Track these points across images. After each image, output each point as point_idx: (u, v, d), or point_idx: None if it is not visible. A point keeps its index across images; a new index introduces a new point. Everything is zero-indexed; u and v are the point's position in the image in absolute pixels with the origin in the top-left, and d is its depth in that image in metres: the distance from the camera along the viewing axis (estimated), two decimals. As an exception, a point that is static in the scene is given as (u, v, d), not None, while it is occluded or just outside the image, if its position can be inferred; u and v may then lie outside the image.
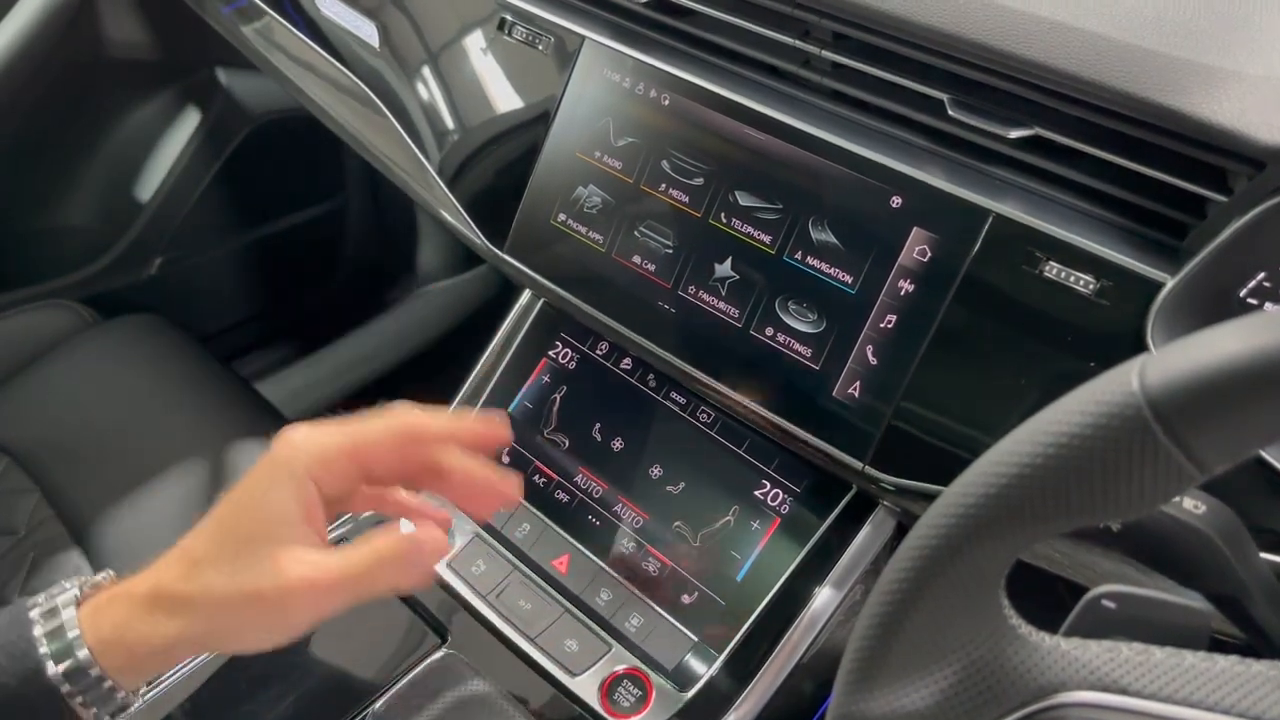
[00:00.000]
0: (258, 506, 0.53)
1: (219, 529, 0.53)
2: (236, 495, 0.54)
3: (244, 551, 0.52)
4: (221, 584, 0.51)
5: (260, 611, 0.52)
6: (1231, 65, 0.55)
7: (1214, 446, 0.32)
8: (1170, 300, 0.57)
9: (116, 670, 0.51)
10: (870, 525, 0.73)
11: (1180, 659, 0.39)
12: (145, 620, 0.52)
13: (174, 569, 0.53)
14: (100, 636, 0.51)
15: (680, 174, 0.75)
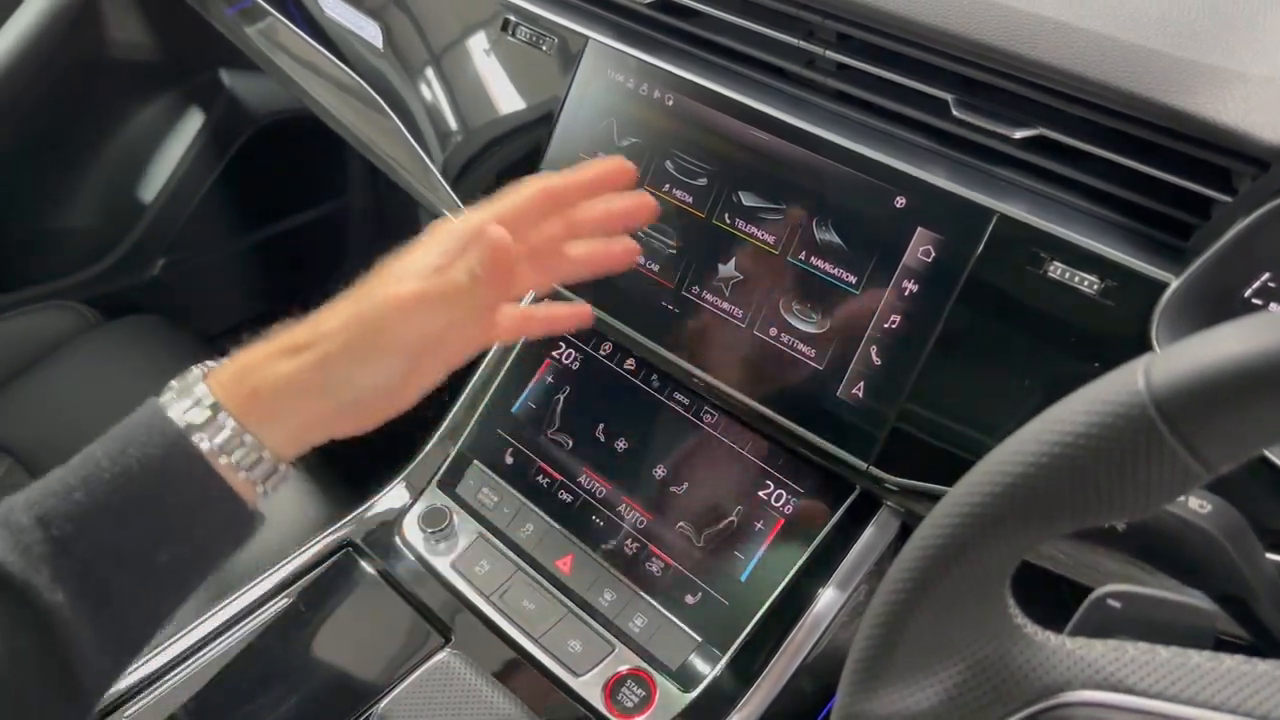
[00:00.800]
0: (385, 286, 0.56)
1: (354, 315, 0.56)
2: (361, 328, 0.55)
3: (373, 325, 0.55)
4: (341, 329, 0.55)
5: (374, 347, 0.55)
6: (1236, 66, 0.55)
7: (1220, 445, 0.32)
8: (1174, 300, 0.57)
9: (247, 417, 0.53)
10: (874, 526, 0.73)
11: (1186, 658, 0.39)
12: (265, 365, 0.54)
13: (298, 333, 0.55)
14: (222, 381, 0.53)
15: (684, 174, 0.75)
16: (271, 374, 0.54)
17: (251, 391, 0.54)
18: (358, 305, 0.56)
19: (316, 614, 0.78)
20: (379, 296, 0.56)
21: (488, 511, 0.82)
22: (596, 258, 0.62)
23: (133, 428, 0.51)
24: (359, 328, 0.55)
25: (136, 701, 0.72)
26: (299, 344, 0.55)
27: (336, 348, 0.55)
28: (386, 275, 0.57)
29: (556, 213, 0.60)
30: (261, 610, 0.78)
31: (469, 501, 0.83)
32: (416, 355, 0.57)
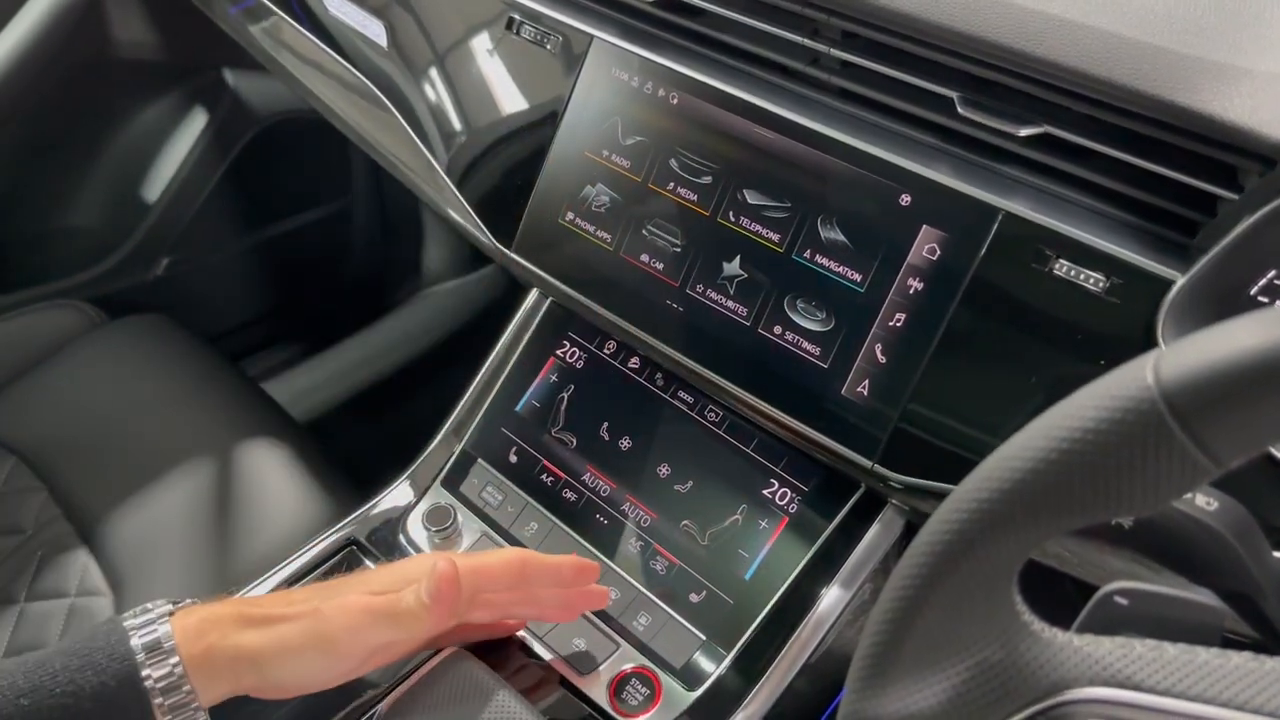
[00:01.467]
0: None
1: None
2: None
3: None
4: (302, 618, 0.60)
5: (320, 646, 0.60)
6: (1242, 62, 0.55)
7: (1229, 440, 0.32)
8: (1181, 298, 0.57)
9: (194, 670, 0.56)
10: (879, 524, 0.73)
11: (1193, 655, 0.38)
12: (226, 628, 0.58)
13: (265, 604, 0.60)
14: (190, 651, 0.56)
15: (688, 173, 0.75)
16: (231, 641, 0.58)
17: (206, 648, 0.57)
18: (323, 599, 0.61)
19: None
20: (337, 601, 0.61)
21: (492, 510, 0.82)
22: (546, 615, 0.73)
23: (95, 648, 0.55)
24: (315, 625, 0.60)
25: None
26: (264, 617, 0.60)
27: (295, 638, 0.59)
28: (355, 580, 0.65)
29: (521, 583, 0.67)
30: (266, 609, 0.77)
31: (473, 500, 0.84)
32: (361, 660, 0.62)
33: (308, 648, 0.60)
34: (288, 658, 0.59)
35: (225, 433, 1.09)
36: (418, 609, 0.62)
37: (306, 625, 0.60)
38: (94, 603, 0.96)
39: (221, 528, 0.99)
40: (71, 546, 1.00)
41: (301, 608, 0.61)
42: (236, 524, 1.00)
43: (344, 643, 0.61)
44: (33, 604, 0.96)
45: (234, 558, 0.97)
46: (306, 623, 0.60)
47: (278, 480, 1.03)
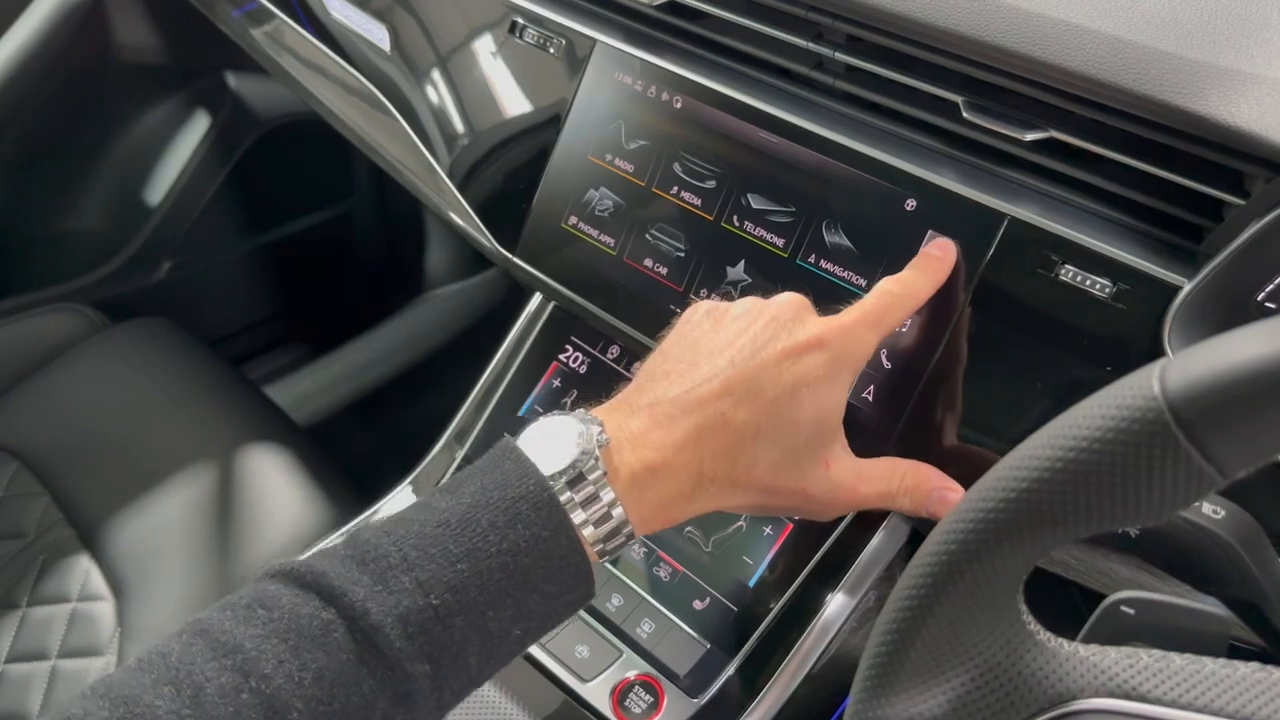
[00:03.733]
0: (818, 401, 0.55)
1: (773, 414, 0.54)
2: (790, 376, 0.54)
3: (798, 446, 0.55)
4: (776, 476, 0.54)
5: (803, 504, 0.57)
6: (1249, 68, 0.55)
7: (1236, 451, 0.32)
8: (1187, 304, 0.56)
9: (627, 497, 0.52)
10: (884, 531, 0.73)
11: (1200, 665, 0.38)
12: (688, 499, 0.53)
13: (711, 442, 0.53)
14: (642, 515, 0.52)
15: (692, 177, 0.74)
16: (690, 510, 0.55)
17: (662, 521, 0.54)
18: (803, 471, 0.57)
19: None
20: (833, 488, 0.57)
21: (494, 515, 0.82)
22: None
23: (519, 499, 0.50)
24: (802, 499, 0.57)
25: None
26: (729, 481, 0.55)
27: (771, 501, 0.56)
28: (823, 431, 0.58)
29: None
30: (267, 614, 0.77)
31: (475, 505, 0.83)
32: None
33: (783, 510, 0.57)
34: (757, 513, 0.57)
35: (227, 437, 1.09)
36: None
37: (785, 498, 0.55)
38: (96, 607, 0.96)
39: (223, 533, 0.99)
40: (73, 551, 1.00)
41: (785, 478, 0.55)
42: (238, 529, 1.00)
43: (830, 513, 0.58)
44: (34, 609, 0.96)
45: (235, 563, 0.97)
46: (785, 496, 0.55)
47: (279, 485, 1.03)
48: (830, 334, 0.56)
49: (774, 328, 0.56)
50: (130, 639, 0.93)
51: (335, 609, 0.46)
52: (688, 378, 0.55)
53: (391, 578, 0.46)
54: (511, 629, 0.49)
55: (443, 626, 0.46)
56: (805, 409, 0.54)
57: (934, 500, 0.60)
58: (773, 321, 0.57)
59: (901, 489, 0.60)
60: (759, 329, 0.56)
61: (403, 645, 0.45)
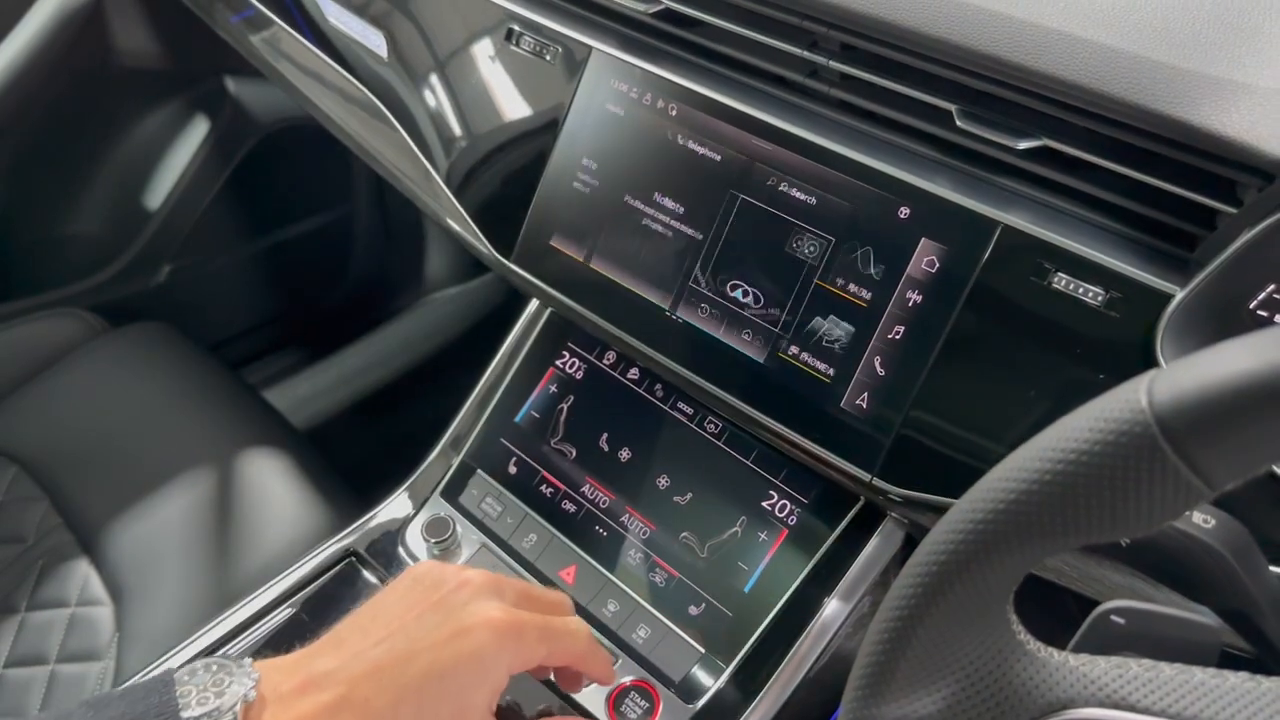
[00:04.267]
0: (463, 694, 0.54)
1: (416, 703, 0.53)
2: (438, 665, 0.54)
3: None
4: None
5: None
6: (1241, 77, 0.55)
7: (1223, 464, 0.32)
8: (1180, 312, 0.56)
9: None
10: (878, 536, 0.73)
11: (1189, 675, 0.38)
12: None
13: (347, 715, 0.52)
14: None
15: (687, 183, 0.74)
16: None
17: None
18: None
19: (319, 624, 0.78)
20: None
21: (491, 521, 0.82)
22: None
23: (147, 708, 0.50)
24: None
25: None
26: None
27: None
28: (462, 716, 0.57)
29: None
30: (264, 621, 0.78)
31: (472, 511, 0.84)
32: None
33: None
34: None
35: (226, 442, 1.09)
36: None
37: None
38: (95, 612, 0.96)
39: (222, 537, 0.99)
40: (72, 556, 1.00)
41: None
42: (237, 534, 1.00)
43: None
44: (34, 613, 0.96)
45: (234, 568, 0.97)
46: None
47: (278, 490, 1.03)
48: (483, 626, 0.55)
49: (441, 610, 0.56)
50: (128, 644, 0.93)
51: None
52: (349, 648, 0.55)
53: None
54: None
55: None
56: (445, 701, 0.54)
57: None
58: (441, 604, 0.57)
59: None
60: (426, 608, 0.56)
61: None
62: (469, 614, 0.56)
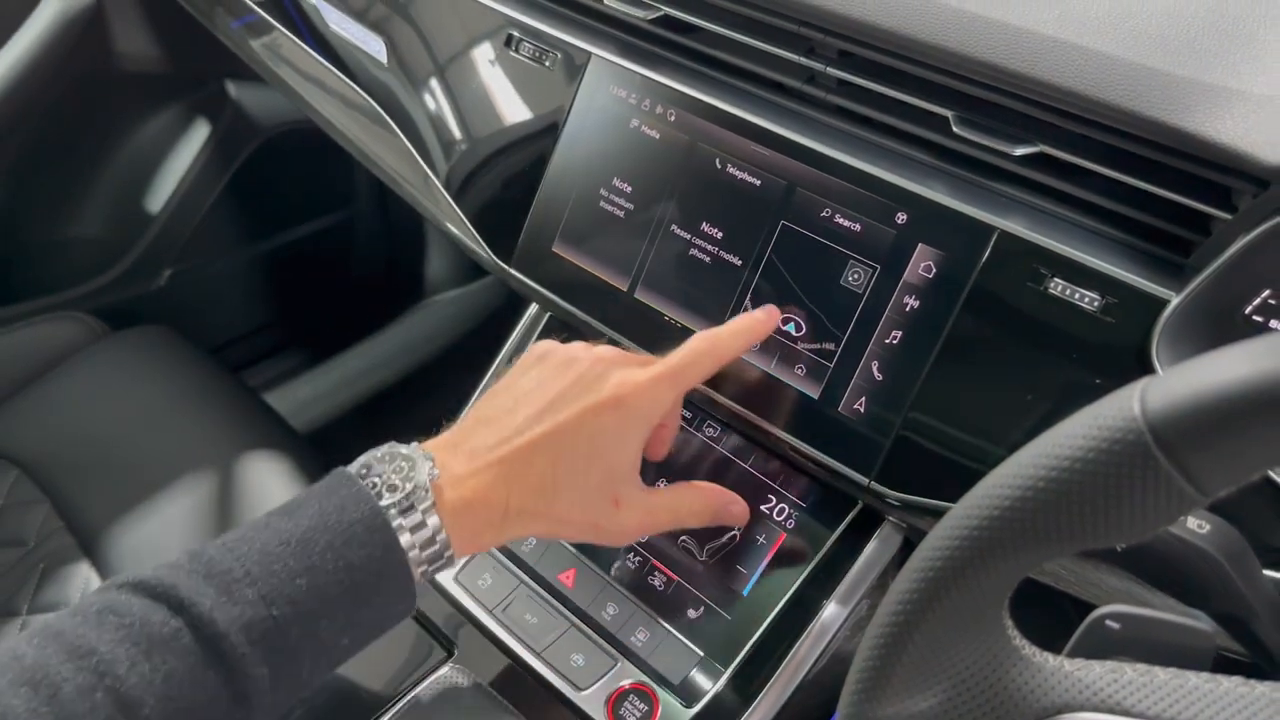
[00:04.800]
0: (610, 453, 0.64)
1: (570, 460, 0.62)
2: (588, 431, 0.62)
3: (592, 488, 0.63)
4: (571, 511, 0.63)
5: (596, 535, 0.65)
6: (1236, 84, 0.55)
7: (1216, 471, 0.32)
8: (1175, 317, 0.57)
9: (452, 527, 0.59)
10: (876, 540, 0.73)
11: (1184, 680, 0.39)
12: (498, 529, 0.61)
13: (518, 485, 0.61)
14: (460, 539, 0.59)
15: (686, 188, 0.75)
16: (500, 537, 0.62)
17: (475, 547, 0.61)
18: (597, 507, 0.65)
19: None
20: (622, 521, 0.66)
21: (491, 525, 0.83)
22: None
23: (355, 523, 0.55)
24: (594, 530, 0.66)
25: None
26: (534, 514, 0.62)
27: (568, 531, 0.66)
28: (615, 474, 0.66)
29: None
30: (265, 624, 0.78)
31: (472, 515, 0.84)
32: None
33: (578, 537, 0.68)
34: (556, 538, 0.69)
35: (227, 445, 1.09)
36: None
37: (580, 528, 0.65)
38: (95, 616, 0.96)
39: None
40: (73, 559, 1.00)
41: (580, 513, 0.63)
42: (238, 537, 1.00)
43: (621, 541, 0.68)
44: (35, 617, 0.96)
45: (235, 571, 0.97)
46: (580, 527, 0.64)
47: (279, 493, 1.04)
48: (627, 393, 0.63)
49: (581, 385, 0.64)
50: (130, 647, 0.93)
51: (183, 618, 0.50)
52: (504, 426, 0.63)
53: (236, 590, 0.51)
54: (341, 639, 0.55)
55: (281, 635, 0.52)
56: (597, 460, 0.63)
57: (720, 516, 0.72)
58: (579, 380, 0.64)
59: (688, 513, 0.69)
60: (567, 385, 0.64)
61: (245, 651, 0.50)
62: (610, 385, 0.64)
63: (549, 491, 0.62)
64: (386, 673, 0.76)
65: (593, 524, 0.64)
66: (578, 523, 0.64)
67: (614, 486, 0.64)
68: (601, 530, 0.65)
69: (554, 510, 0.62)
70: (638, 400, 0.64)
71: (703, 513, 0.70)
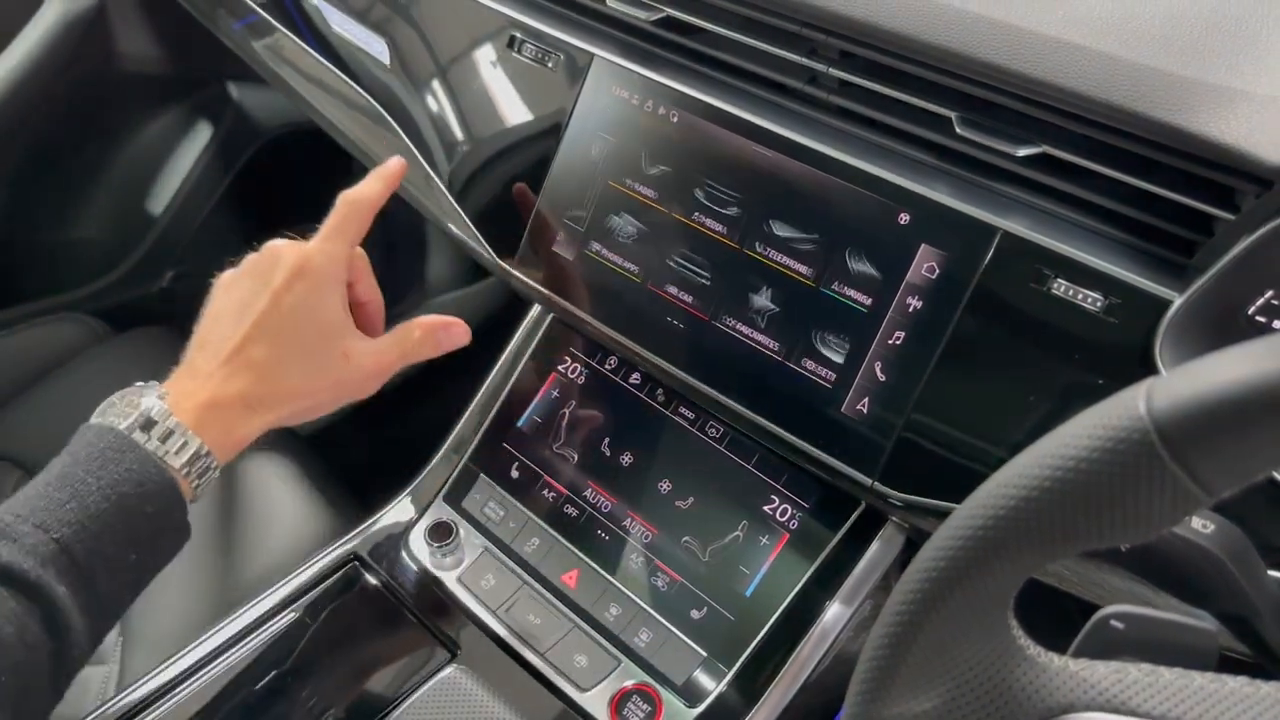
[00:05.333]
0: (315, 315, 0.67)
1: (280, 337, 0.66)
2: (287, 305, 0.66)
3: (315, 352, 0.67)
4: (307, 381, 0.67)
5: (341, 392, 0.69)
6: (1239, 84, 0.55)
7: (1221, 471, 0.32)
8: (1178, 318, 0.57)
9: (201, 429, 0.62)
10: (879, 540, 0.73)
11: (1188, 680, 0.39)
12: (246, 421, 0.64)
13: (246, 376, 0.64)
14: (214, 440, 0.62)
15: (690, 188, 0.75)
16: (252, 430, 0.65)
17: (232, 445, 0.64)
18: (328, 368, 0.69)
19: (322, 628, 0.78)
20: (357, 368, 0.70)
21: (493, 525, 0.83)
22: None
23: (105, 449, 0.59)
24: (338, 388, 0.70)
25: (143, 716, 0.73)
26: (272, 396, 0.66)
27: (314, 400, 0.68)
28: (329, 331, 0.69)
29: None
30: (268, 624, 0.78)
31: (475, 515, 0.84)
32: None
33: (329, 404, 0.68)
34: (309, 415, 0.68)
35: (229, 447, 1.09)
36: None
37: (324, 392, 0.68)
38: (98, 617, 0.96)
39: (224, 542, 1.00)
40: (75, 560, 1.00)
41: (315, 378, 0.67)
42: (239, 539, 1.00)
43: (367, 389, 0.70)
44: (37, 618, 0.96)
45: (237, 572, 0.97)
46: (323, 391, 0.68)
47: (280, 495, 1.04)
48: (303, 262, 0.67)
49: (264, 277, 0.67)
50: (132, 648, 0.93)
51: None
52: (217, 337, 0.66)
53: (11, 531, 0.55)
54: (127, 553, 0.58)
55: (68, 555, 0.55)
56: (306, 326, 0.67)
57: (441, 339, 0.74)
58: (261, 275, 0.68)
59: (412, 345, 0.72)
60: (253, 284, 0.68)
61: (38, 574, 0.53)
62: (287, 263, 0.67)
63: (278, 371, 0.65)
64: (390, 674, 0.76)
65: (335, 382, 0.68)
66: (319, 387, 0.67)
67: (335, 342, 0.68)
68: (344, 384, 0.68)
69: (290, 385, 0.66)
70: (316, 262, 0.68)
71: (424, 340, 0.73)
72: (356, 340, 0.69)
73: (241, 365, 0.64)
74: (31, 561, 0.53)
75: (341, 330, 0.69)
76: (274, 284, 0.66)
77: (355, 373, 0.68)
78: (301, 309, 0.67)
